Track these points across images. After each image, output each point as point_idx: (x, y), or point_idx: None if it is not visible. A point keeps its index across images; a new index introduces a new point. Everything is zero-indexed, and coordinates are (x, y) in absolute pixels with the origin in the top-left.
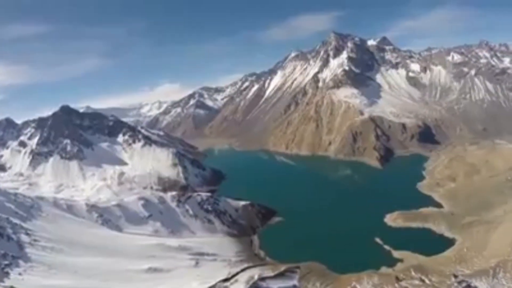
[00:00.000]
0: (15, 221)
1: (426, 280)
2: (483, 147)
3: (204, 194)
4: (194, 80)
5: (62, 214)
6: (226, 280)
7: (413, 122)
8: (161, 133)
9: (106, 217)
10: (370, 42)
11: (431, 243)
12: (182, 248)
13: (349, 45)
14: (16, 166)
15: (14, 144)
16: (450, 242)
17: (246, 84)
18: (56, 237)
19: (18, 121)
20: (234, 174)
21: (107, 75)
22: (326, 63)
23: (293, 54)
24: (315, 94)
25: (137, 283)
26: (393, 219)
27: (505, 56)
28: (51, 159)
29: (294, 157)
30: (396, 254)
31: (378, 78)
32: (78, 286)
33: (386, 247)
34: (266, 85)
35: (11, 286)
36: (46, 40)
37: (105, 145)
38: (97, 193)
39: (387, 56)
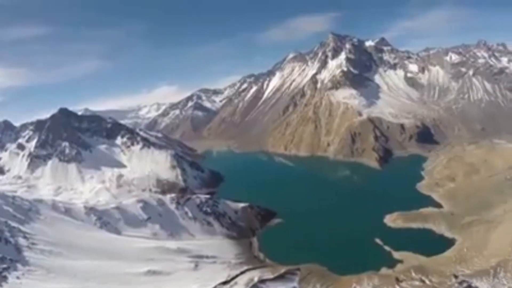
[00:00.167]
0: (13, 224)
1: (427, 281)
2: (482, 147)
3: (203, 196)
4: (192, 82)
5: (60, 217)
6: (225, 282)
7: (411, 123)
8: (159, 135)
9: (104, 219)
10: (368, 43)
11: (431, 244)
12: (181, 250)
13: (347, 46)
14: (14, 169)
15: (12, 146)
16: (450, 242)
17: (244, 85)
18: (54, 240)
19: (17, 123)
20: (233, 176)
21: (106, 77)
22: (324, 64)
23: (291, 56)
24: (314, 95)
25: (136, 286)
26: (392, 220)
27: (503, 55)
28: (50, 162)
29: (293, 158)
30: (396, 255)
31: (377, 78)
32: None
33: (386, 248)
34: (265, 86)
35: None
36: (45, 42)
37: (103, 147)
38: (95, 195)
39: (385, 56)
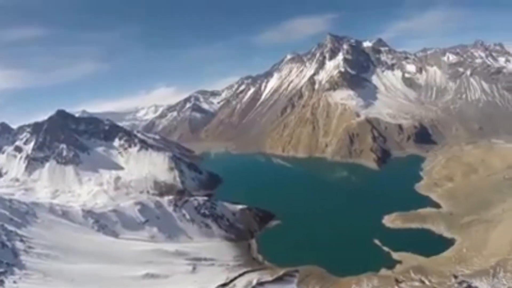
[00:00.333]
0: (10, 228)
1: (426, 281)
2: (480, 147)
3: (201, 198)
4: (190, 83)
5: (57, 220)
6: (224, 285)
7: (409, 123)
8: (157, 137)
9: (102, 222)
10: (366, 44)
11: (430, 244)
12: (179, 253)
13: (344, 47)
14: (11, 172)
15: (9, 149)
16: (449, 242)
17: (242, 87)
18: (51, 243)
19: (14, 126)
20: (231, 178)
21: (103, 79)
22: (322, 65)
23: (289, 57)
24: (311, 96)
25: None
26: (391, 221)
27: (500, 55)
28: (47, 164)
29: (291, 159)
30: (395, 256)
31: (374, 79)
32: None
33: (385, 249)
34: (262, 88)
35: None
36: (42, 44)
37: (101, 149)
38: (93, 198)
39: (383, 57)
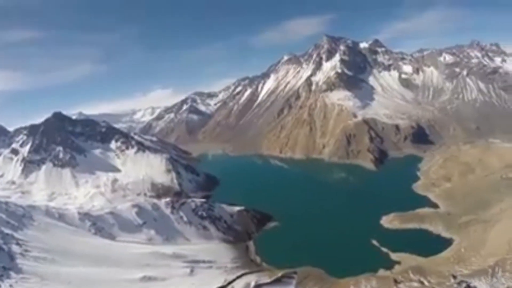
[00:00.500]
0: (6, 231)
1: (425, 282)
2: (477, 146)
3: (198, 200)
4: (187, 85)
5: (54, 223)
6: (222, 287)
7: (406, 123)
8: (154, 139)
9: (99, 225)
10: (363, 45)
11: (429, 244)
12: (177, 255)
13: (341, 48)
14: (8, 174)
15: (6, 151)
16: (448, 242)
17: (239, 88)
18: (48, 246)
19: (10, 128)
20: (228, 179)
21: (100, 81)
22: (319, 66)
23: (285, 58)
24: (309, 97)
25: None
26: (389, 221)
27: (496, 55)
28: (44, 167)
29: (288, 160)
30: (393, 256)
31: (371, 80)
32: None
33: (384, 249)
34: (259, 89)
35: None
36: (39, 46)
37: (97, 151)
38: (90, 200)
39: (380, 58)
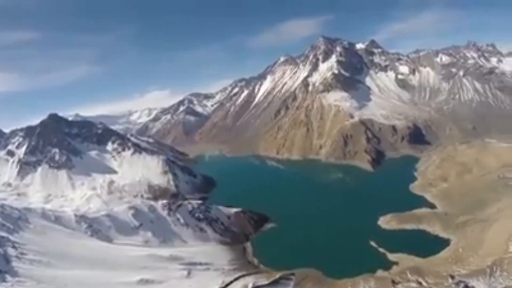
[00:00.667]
0: (2, 233)
1: (423, 282)
2: (474, 146)
3: (195, 202)
4: (183, 86)
5: (50, 226)
6: None
7: (403, 124)
8: (150, 140)
9: (95, 227)
10: (359, 46)
11: (426, 244)
12: (174, 258)
13: (338, 49)
14: (4, 176)
15: (1, 153)
16: (445, 243)
17: (236, 89)
18: (44, 249)
19: (6, 129)
20: (225, 181)
21: (97, 82)
22: (315, 67)
23: (282, 59)
24: (305, 98)
25: None
26: (387, 222)
27: (492, 56)
28: (40, 169)
29: (285, 161)
30: (391, 257)
31: (368, 81)
32: None
33: (381, 250)
34: (256, 90)
35: None
36: (35, 47)
37: (94, 153)
38: (86, 202)
39: (376, 59)
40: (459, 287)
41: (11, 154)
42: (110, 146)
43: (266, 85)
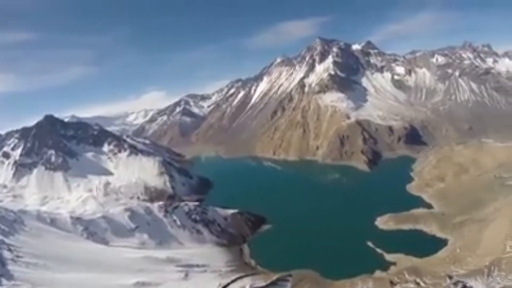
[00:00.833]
0: None
1: (421, 282)
2: (470, 147)
3: (191, 204)
4: (180, 87)
5: (46, 228)
6: None
7: (399, 125)
8: (147, 141)
9: (91, 230)
10: (355, 47)
11: (424, 245)
12: (171, 260)
13: (334, 50)
14: None
15: None
16: (443, 243)
17: (232, 90)
18: (40, 252)
19: (2, 131)
20: (221, 182)
21: (93, 84)
22: (311, 68)
23: (278, 60)
24: (302, 99)
25: None
26: (384, 222)
27: (488, 56)
28: (35, 170)
29: (282, 162)
30: (389, 257)
31: (364, 82)
32: None
33: (379, 251)
34: (252, 91)
35: None
36: (30, 48)
37: (90, 155)
38: (82, 204)
39: (372, 60)
40: (457, 287)
41: (7, 155)
42: (106, 148)
43: (263, 86)
